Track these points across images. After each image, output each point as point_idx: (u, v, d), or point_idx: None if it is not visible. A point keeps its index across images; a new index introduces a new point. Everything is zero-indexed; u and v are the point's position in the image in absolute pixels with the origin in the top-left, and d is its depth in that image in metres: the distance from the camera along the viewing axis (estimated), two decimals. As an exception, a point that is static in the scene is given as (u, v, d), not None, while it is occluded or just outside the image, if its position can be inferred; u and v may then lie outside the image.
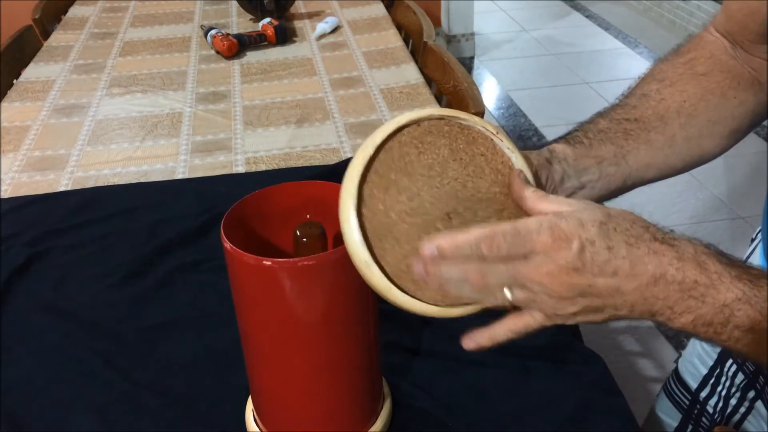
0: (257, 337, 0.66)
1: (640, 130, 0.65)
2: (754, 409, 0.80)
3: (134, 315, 0.93)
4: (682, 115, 0.66)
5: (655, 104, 0.66)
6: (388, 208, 0.52)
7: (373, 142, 0.53)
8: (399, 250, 0.51)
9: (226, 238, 0.60)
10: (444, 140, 0.54)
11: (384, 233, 0.51)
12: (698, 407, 0.87)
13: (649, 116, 0.65)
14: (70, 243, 1.08)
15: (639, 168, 0.65)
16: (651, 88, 0.67)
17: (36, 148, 1.36)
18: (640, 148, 0.64)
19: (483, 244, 0.46)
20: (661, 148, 0.65)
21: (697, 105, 0.66)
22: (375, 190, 0.52)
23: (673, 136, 0.65)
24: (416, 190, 0.52)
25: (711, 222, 2.37)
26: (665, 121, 0.65)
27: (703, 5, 3.60)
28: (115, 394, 0.81)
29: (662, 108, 0.66)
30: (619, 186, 0.64)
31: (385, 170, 0.52)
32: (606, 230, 0.46)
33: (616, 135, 0.64)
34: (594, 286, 0.46)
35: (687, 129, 0.66)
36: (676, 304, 0.46)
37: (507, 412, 0.77)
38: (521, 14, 4.32)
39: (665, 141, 0.65)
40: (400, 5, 1.99)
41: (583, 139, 0.64)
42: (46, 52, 1.81)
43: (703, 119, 0.66)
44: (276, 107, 1.50)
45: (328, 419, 0.71)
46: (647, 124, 0.65)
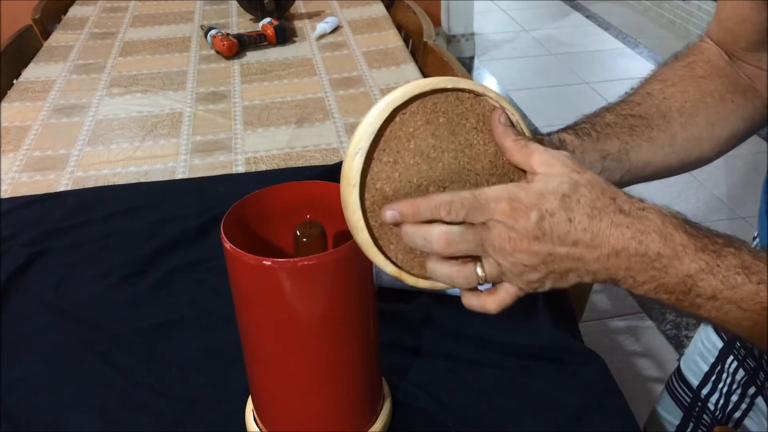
0: (257, 337, 0.66)
1: (644, 127, 0.65)
2: (754, 405, 0.80)
3: (134, 315, 0.93)
4: (683, 115, 0.66)
5: (659, 102, 0.67)
6: (414, 135, 0.52)
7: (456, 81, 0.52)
8: (387, 171, 0.52)
9: (226, 238, 0.60)
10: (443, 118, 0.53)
11: (392, 146, 0.51)
12: (699, 405, 0.87)
13: (653, 114, 0.66)
14: (70, 243, 1.08)
15: (638, 165, 0.65)
16: (654, 87, 0.68)
17: (36, 148, 1.36)
18: (642, 144, 0.65)
19: (442, 208, 0.48)
20: (662, 147, 0.66)
21: (698, 105, 0.67)
22: (421, 110, 0.52)
23: (674, 135, 0.66)
24: (443, 149, 0.52)
25: (711, 222, 2.37)
26: (668, 119, 0.66)
27: (703, 5, 3.60)
28: (114, 393, 0.81)
29: (665, 106, 0.66)
30: (615, 182, 0.64)
31: (441, 107, 0.52)
32: (568, 202, 0.47)
33: (622, 130, 0.64)
34: (555, 255, 0.47)
35: (687, 129, 0.67)
36: (638, 273, 0.47)
37: (507, 412, 0.77)
38: (521, 14, 4.32)
39: (666, 140, 0.66)
40: (400, 5, 1.99)
41: (591, 132, 0.64)
42: (46, 52, 1.81)
43: (703, 120, 0.67)
44: (276, 107, 1.50)
45: (328, 419, 0.71)
46: (651, 121, 0.66)
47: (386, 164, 0.51)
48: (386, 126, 0.51)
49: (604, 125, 0.64)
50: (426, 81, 0.52)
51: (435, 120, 0.52)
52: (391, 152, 0.51)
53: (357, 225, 0.52)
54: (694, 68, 0.69)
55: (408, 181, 0.52)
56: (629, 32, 3.96)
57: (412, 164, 0.52)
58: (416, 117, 0.51)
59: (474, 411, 0.78)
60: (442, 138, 0.52)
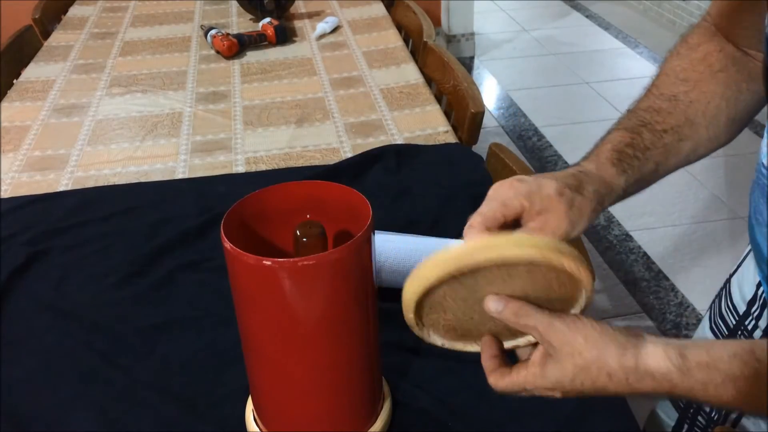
0: (257, 337, 0.66)
1: (675, 141, 0.67)
2: None
3: (134, 315, 0.94)
4: (707, 117, 0.68)
5: (685, 108, 0.68)
6: (447, 294, 0.55)
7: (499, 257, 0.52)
8: (442, 316, 0.58)
9: (226, 238, 0.60)
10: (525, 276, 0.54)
11: (435, 306, 0.56)
12: (695, 406, 0.87)
13: (682, 123, 0.67)
14: (70, 243, 1.08)
15: (659, 175, 0.68)
16: (679, 90, 0.69)
17: (36, 148, 1.36)
18: (670, 159, 0.67)
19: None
20: (687, 156, 0.68)
21: (720, 104, 0.68)
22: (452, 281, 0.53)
23: (699, 140, 0.68)
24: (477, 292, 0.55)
25: (711, 222, 2.36)
26: (695, 127, 0.68)
27: (703, 5, 3.60)
28: (115, 393, 0.81)
29: (692, 112, 0.68)
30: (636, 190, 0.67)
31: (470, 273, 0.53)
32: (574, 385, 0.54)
33: (659, 152, 0.66)
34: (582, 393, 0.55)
35: (710, 130, 0.68)
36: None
37: (507, 411, 0.77)
38: (521, 14, 4.32)
39: (692, 147, 0.68)
40: (400, 5, 1.99)
41: (633, 163, 0.65)
42: (46, 52, 1.81)
43: (724, 118, 0.69)
44: (276, 107, 1.50)
45: (328, 419, 0.71)
46: (681, 133, 0.67)
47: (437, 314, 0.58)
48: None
49: (643, 150, 0.66)
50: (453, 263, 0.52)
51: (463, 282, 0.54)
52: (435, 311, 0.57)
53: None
54: (711, 63, 0.69)
55: (463, 314, 0.57)
56: (629, 32, 3.96)
57: (458, 307, 0.56)
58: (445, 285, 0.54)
59: (474, 411, 0.78)
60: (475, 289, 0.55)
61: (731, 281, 0.84)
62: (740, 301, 0.81)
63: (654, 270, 2.17)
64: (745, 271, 0.81)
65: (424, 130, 1.39)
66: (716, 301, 0.87)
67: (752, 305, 0.79)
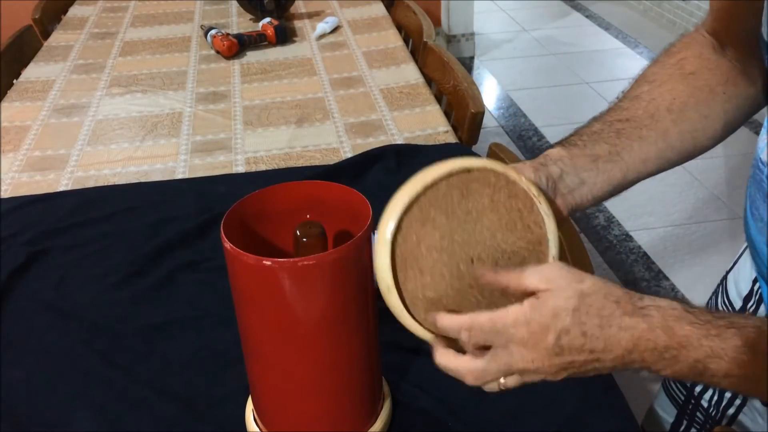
0: (257, 337, 0.66)
1: (631, 128, 0.67)
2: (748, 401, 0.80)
3: (134, 315, 0.94)
4: (673, 112, 0.68)
5: (646, 104, 0.69)
6: (420, 240, 0.55)
7: (423, 180, 0.56)
8: (420, 280, 0.56)
9: (226, 238, 0.60)
10: (488, 190, 0.57)
11: (411, 262, 0.55)
12: (693, 402, 0.87)
13: (639, 116, 0.68)
14: (70, 243, 1.08)
15: (635, 162, 0.67)
16: (642, 90, 0.70)
17: (36, 148, 1.36)
18: (633, 144, 0.67)
19: (462, 332, 0.53)
20: (655, 143, 0.67)
21: (687, 101, 0.68)
22: (413, 222, 0.55)
23: (666, 131, 0.68)
24: (450, 230, 0.56)
25: (711, 222, 2.37)
26: (656, 118, 0.68)
27: (703, 5, 3.60)
28: (115, 393, 0.82)
29: (652, 107, 0.68)
30: (620, 181, 0.67)
31: (427, 206, 0.56)
32: (578, 317, 0.51)
33: (609, 135, 0.67)
34: (574, 362, 0.52)
35: (680, 124, 0.68)
36: (653, 364, 0.52)
37: (507, 411, 0.77)
38: (521, 14, 4.32)
39: (658, 136, 0.68)
40: (400, 5, 1.99)
41: (577, 142, 0.67)
42: (46, 52, 1.81)
43: (695, 114, 0.69)
44: (276, 107, 1.50)
45: (328, 419, 0.71)
46: (638, 122, 0.68)
47: (415, 278, 0.56)
48: (395, 250, 0.55)
49: (590, 134, 0.67)
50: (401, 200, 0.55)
51: (428, 217, 0.55)
52: (412, 267, 0.55)
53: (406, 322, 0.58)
54: (684, 66, 0.70)
55: (441, 277, 0.56)
56: (629, 32, 3.96)
57: (435, 261, 0.56)
58: (411, 229, 0.55)
59: (474, 411, 0.78)
60: (442, 226, 0.56)
61: (727, 278, 0.85)
62: (736, 297, 0.81)
63: (654, 270, 2.17)
64: (742, 267, 0.82)
65: (424, 130, 1.39)
66: (713, 298, 0.87)
67: (748, 301, 0.79)
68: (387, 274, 0.55)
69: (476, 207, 0.57)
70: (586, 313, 0.51)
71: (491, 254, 0.57)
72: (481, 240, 0.57)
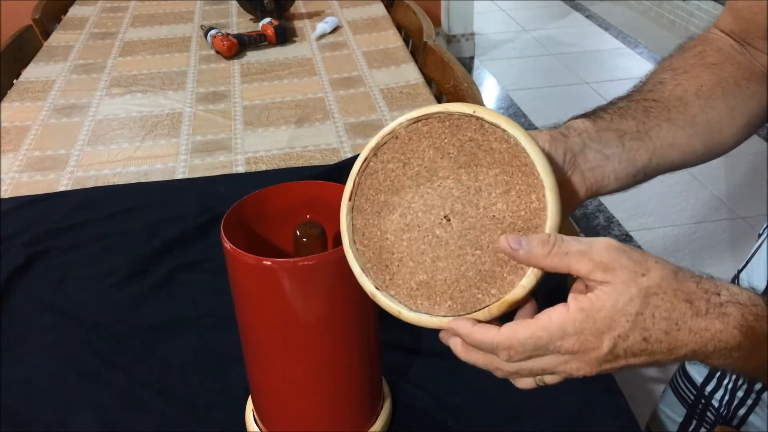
0: (257, 337, 0.66)
1: (660, 108, 0.63)
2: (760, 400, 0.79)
3: (134, 315, 0.94)
4: (701, 98, 0.64)
5: (672, 88, 0.64)
6: (384, 231, 0.52)
7: (351, 177, 0.53)
8: (406, 268, 0.51)
9: (226, 238, 0.60)
10: (426, 141, 0.52)
11: (387, 257, 0.52)
12: (703, 401, 0.87)
13: (667, 97, 0.64)
14: (70, 243, 1.08)
15: (663, 145, 0.62)
16: (665, 76, 0.66)
17: (36, 148, 1.36)
18: (662, 125, 0.62)
19: (501, 351, 0.46)
20: (683, 128, 0.63)
21: (714, 89, 0.65)
22: (369, 218, 0.52)
23: (694, 117, 0.64)
24: (406, 203, 0.52)
25: (711, 222, 2.36)
26: (685, 102, 0.64)
27: (703, 5, 3.60)
28: (115, 393, 0.81)
29: (679, 91, 0.64)
30: (645, 163, 0.61)
31: (374, 194, 0.52)
32: (641, 321, 0.43)
33: (637, 112, 0.62)
34: (629, 365, 0.45)
35: (707, 112, 0.64)
36: (715, 359, 0.45)
37: (507, 411, 0.77)
38: (521, 14, 4.32)
39: (686, 120, 0.63)
40: (400, 5, 1.99)
41: (603, 115, 0.61)
42: (46, 52, 1.81)
43: (722, 104, 0.65)
44: (276, 107, 1.50)
45: (328, 419, 0.71)
46: (667, 103, 0.63)
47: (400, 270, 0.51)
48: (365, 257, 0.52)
49: (617, 109, 0.62)
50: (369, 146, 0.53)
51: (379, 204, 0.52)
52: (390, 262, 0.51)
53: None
54: (705, 57, 0.67)
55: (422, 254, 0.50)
56: (629, 32, 3.96)
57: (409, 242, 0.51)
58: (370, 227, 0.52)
59: (474, 411, 0.78)
60: (396, 204, 0.52)
61: (740, 276, 0.84)
62: None
63: (654, 270, 2.17)
64: (755, 265, 0.81)
65: (424, 130, 1.38)
66: None
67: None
68: (364, 280, 0.51)
69: (423, 165, 0.51)
70: (651, 317, 0.43)
71: (467, 200, 0.50)
72: (447, 193, 0.50)
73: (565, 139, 0.58)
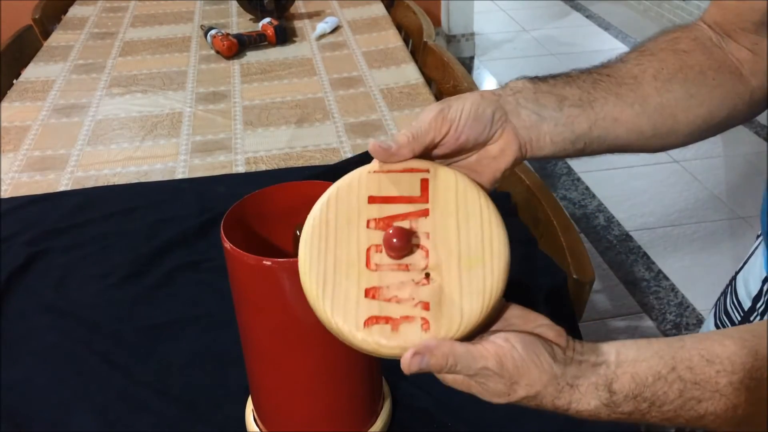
0: (257, 337, 0.66)
1: (610, 83, 0.63)
2: None
3: (134, 315, 0.94)
4: (659, 80, 0.64)
5: (631, 67, 0.64)
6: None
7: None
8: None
9: (226, 238, 0.60)
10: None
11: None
12: None
13: (623, 75, 0.63)
14: (70, 243, 1.08)
15: (606, 118, 0.62)
16: (630, 56, 0.66)
17: (36, 148, 1.36)
18: (608, 98, 0.62)
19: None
20: (632, 105, 0.62)
21: (675, 74, 0.64)
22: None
23: (647, 97, 0.63)
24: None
25: (711, 222, 2.36)
26: (639, 81, 0.63)
27: (702, 5, 3.60)
28: (115, 393, 0.81)
29: (637, 70, 0.64)
30: (584, 131, 0.61)
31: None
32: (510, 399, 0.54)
33: (585, 82, 0.62)
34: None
35: (662, 95, 0.64)
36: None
37: (507, 411, 0.77)
38: (521, 14, 4.32)
39: (636, 98, 0.63)
40: (400, 5, 1.99)
41: (548, 80, 0.61)
42: (46, 52, 1.81)
43: (680, 89, 0.64)
44: (276, 107, 1.50)
45: (328, 419, 0.71)
46: (620, 79, 0.63)
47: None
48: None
49: (565, 77, 0.62)
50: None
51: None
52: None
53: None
54: (678, 43, 0.66)
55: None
56: (629, 32, 3.96)
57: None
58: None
59: (474, 411, 0.78)
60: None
61: (737, 278, 0.84)
62: (745, 297, 0.81)
63: (654, 270, 2.17)
64: (752, 267, 0.81)
65: (424, 130, 1.38)
66: (721, 298, 0.87)
67: (757, 301, 0.79)
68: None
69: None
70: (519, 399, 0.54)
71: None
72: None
73: (497, 98, 0.58)
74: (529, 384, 0.52)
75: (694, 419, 0.50)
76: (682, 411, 0.50)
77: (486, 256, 0.52)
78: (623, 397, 0.51)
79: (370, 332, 0.50)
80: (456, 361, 0.51)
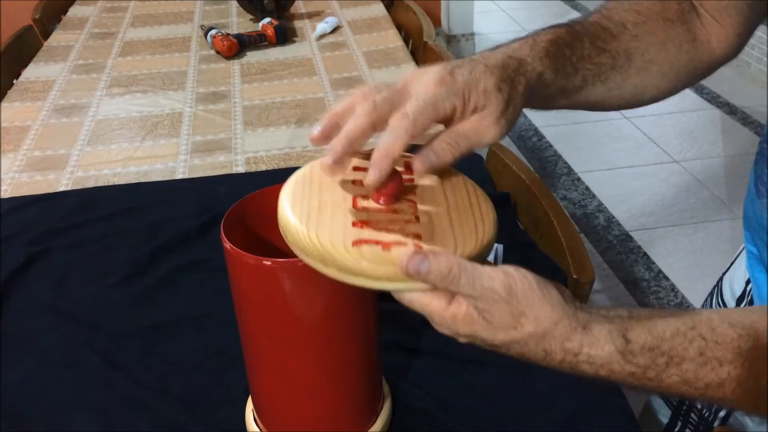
0: (257, 337, 0.66)
1: (608, 69, 0.62)
2: None
3: (134, 315, 0.94)
4: (644, 60, 0.64)
5: (629, 39, 0.63)
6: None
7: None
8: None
9: (226, 238, 0.60)
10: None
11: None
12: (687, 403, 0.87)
13: (621, 53, 0.63)
14: (70, 243, 1.08)
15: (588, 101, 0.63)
16: (629, 19, 0.64)
17: (36, 148, 1.36)
18: (597, 86, 0.62)
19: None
20: (610, 89, 0.63)
21: (659, 53, 0.64)
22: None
23: (627, 79, 0.63)
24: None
25: (711, 222, 2.37)
26: (630, 61, 0.63)
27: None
28: (115, 393, 0.81)
29: (633, 47, 0.63)
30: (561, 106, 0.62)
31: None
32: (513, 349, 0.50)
33: (590, 71, 0.61)
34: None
35: (641, 75, 0.64)
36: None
37: (507, 411, 0.78)
38: (521, 14, 4.32)
39: (620, 82, 0.63)
40: (400, 5, 1.99)
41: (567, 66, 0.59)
42: (46, 52, 1.81)
43: (656, 70, 0.65)
44: (276, 107, 1.50)
45: (328, 419, 0.71)
46: (616, 61, 0.63)
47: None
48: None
49: (580, 58, 0.61)
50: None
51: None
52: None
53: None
54: (667, 10, 0.66)
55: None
56: (629, 32, 3.96)
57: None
58: None
59: (474, 411, 0.78)
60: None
61: (723, 279, 0.85)
62: (730, 298, 0.82)
63: (654, 270, 2.17)
64: (737, 268, 0.82)
65: (424, 130, 1.39)
66: (708, 299, 0.87)
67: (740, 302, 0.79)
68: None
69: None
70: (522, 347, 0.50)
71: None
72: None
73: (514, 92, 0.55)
74: (538, 318, 0.47)
75: (714, 387, 0.46)
76: (702, 373, 0.46)
77: (474, 211, 0.52)
78: (639, 347, 0.47)
79: (359, 251, 0.47)
80: (460, 271, 0.45)
